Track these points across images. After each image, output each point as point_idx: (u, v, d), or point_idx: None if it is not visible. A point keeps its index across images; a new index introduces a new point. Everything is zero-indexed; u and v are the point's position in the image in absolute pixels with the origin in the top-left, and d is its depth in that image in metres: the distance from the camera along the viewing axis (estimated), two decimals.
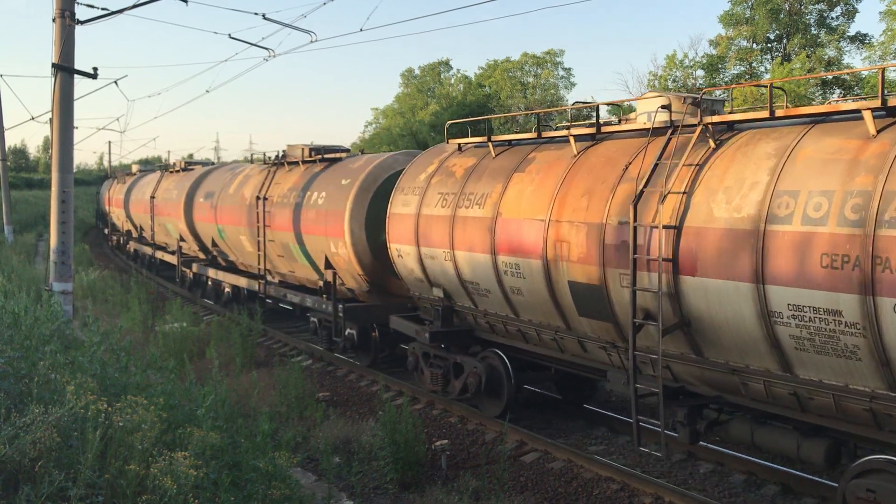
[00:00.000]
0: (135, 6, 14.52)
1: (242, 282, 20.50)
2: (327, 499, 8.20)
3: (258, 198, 18.32)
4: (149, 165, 38.94)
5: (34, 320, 8.70)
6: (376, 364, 15.51)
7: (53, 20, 14.25)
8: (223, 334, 16.80)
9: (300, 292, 17.45)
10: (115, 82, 18.15)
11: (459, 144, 12.92)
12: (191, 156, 33.19)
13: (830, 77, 44.10)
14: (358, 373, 15.19)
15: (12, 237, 37.09)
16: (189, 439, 6.36)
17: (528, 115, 59.51)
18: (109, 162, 79.11)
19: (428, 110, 65.87)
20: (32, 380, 6.65)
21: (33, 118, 35.85)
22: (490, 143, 12.01)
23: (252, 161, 22.88)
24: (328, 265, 15.79)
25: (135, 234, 34.80)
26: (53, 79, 14.30)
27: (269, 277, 19.05)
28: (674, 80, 49.81)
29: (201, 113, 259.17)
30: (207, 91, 49.90)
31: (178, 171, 27.68)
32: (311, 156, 17.94)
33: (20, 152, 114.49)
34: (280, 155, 19.28)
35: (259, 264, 18.97)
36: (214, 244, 22.59)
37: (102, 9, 14.67)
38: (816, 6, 45.82)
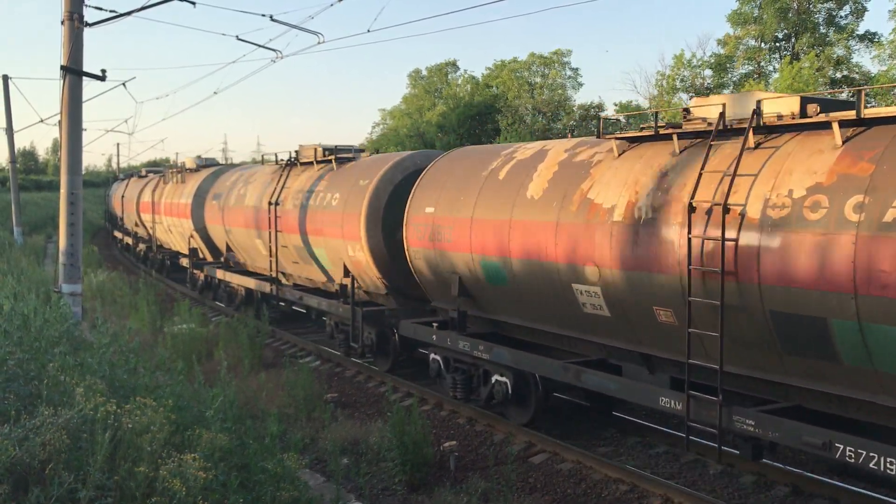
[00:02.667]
0: (143, 8, 14.59)
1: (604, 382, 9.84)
2: (336, 500, 8.20)
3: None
4: (208, 160, 28.20)
5: (43, 322, 8.73)
6: None
7: (62, 23, 14.31)
8: (231, 335, 16.82)
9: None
10: (124, 84, 18.25)
11: None
12: (199, 157, 28.29)
13: (839, 76, 43.92)
14: (366, 374, 15.20)
15: (21, 239, 37.24)
16: (198, 441, 6.37)
17: (535, 116, 59.49)
18: (118, 163, 79.61)
19: (435, 111, 65.91)
20: (42, 382, 6.68)
21: (42, 120, 36.18)
22: None
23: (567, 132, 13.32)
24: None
25: (205, 256, 25.20)
26: (62, 81, 14.36)
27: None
28: (682, 80, 49.72)
29: (209, 114, 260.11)
30: (215, 93, 50.06)
31: (321, 164, 17.20)
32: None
33: (29, 154, 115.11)
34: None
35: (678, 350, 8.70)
36: (464, 290, 12.01)
37: (111, 11, 14.76)
38: (825, 5, 45.67)
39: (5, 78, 37.66)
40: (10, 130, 38.97)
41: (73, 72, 14.24)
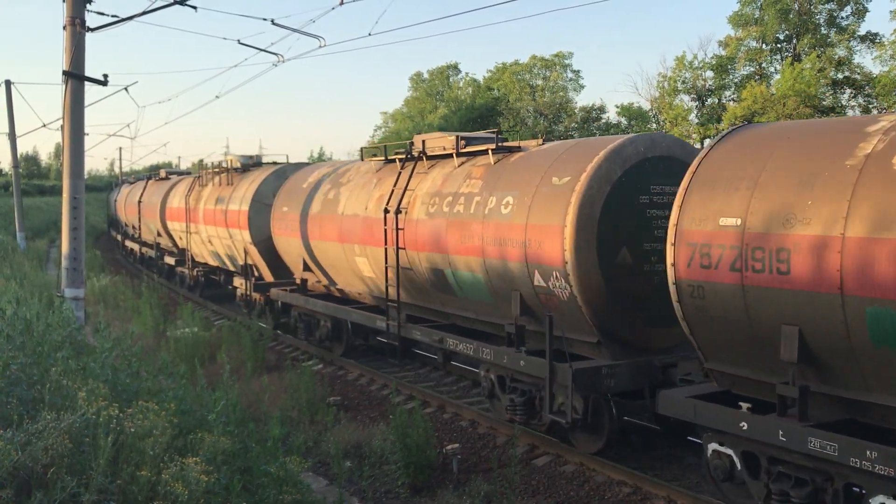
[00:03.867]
0: (144, 13, 14.61)
1: None
2: (338, 503, 8.20)
3: None
4: (255, 157, 23.10)
5: (46, 326, 8.75)
6: None
7: (64, 28, 14.34)
8: (234, 339, 16.83)
9: None
10: (126, 89, 18.28)
11: None
12: (201, 161, 26.36)
13: (841, 77, 43.99)
14: (369, 376, 15.20)
15: (24, 244, 37.32)
16: (200, 444, 6.38)
17: (536, 118, 59.52)
18: (120, 168, 79.73)
19: (437, 114, 65.98)
20: (44, 386, 6.68)
21: (45, 125, 36.20)
22: None
23: None
24: None
25: (261, 275, 20.50)
26: (64, 86, 14.39)
27: None
28: (683, 82, 49.75)
29: (211, 118, 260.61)
30: (217, 96, 50.15)
31: (464, 158, 12.90)
32: None
33: (32, 159, 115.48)
34: None
35: None
36: (807, 353, 7.51)
37: (112, 16, 14.78)
38: (826, 6, 45.68)
39: (8, 83, 37.76)
40: (12, 135, 39.07)
41: (75, 76, 14.27)
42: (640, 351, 10.24)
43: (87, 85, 14.58)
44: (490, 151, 12.18)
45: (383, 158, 15.25)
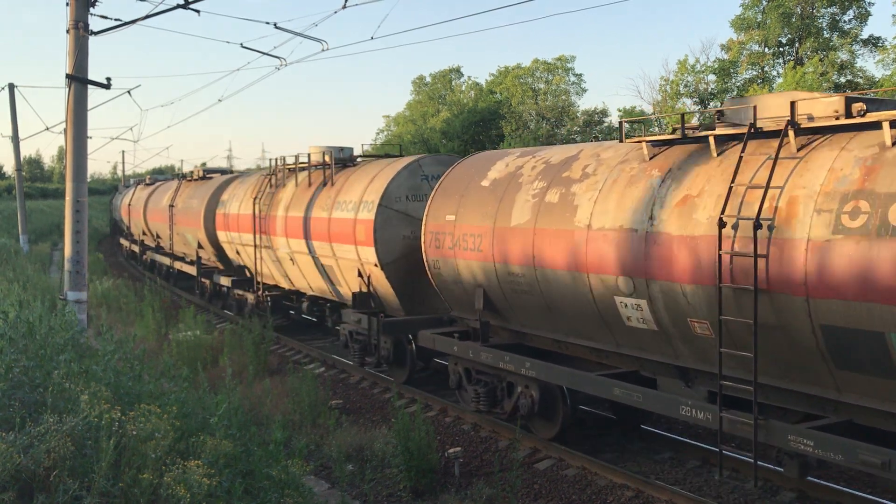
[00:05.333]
0: (147, 16, 14.64)
1: None
2: None
3: None
4: (345, 150, 17.73)
5: (49, 329, 8.76)
6: None
7: (67, 31, 14.38)
8: (236, 342, 16.84)
9: None
10: (129, 92, 18.29)
11: None
12: (204, 164, 25.35)
13: (843, 80, 43.98)
14: (371, 380, 15.20)
15: (27, 247, 37.39)
16: (202, 447, 6.38)
17: (538, 121, 59.55)
18: (123, 171, 79.82)
19: (439, 117, 66.06)
20: (47, 389, 6.69)
21: (48, 128, 36.24)
22: None
23: None
24: None
25: (378, 307, 15.16)
26: (67, 89, 14.42)
27: None
28: (686, 86, 49.78)
29: (214, 122, 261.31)
30: (220, 100, 50.32)
31: None
32: None
33: (35, 162, 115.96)
34: None
35: None
36: None
37: (115, 19, 14.80)
38: (829, 9, 45.68)
39: (11, 87, 37.87)
40: (15, 138, 39.16)
41: (79, 80, 14.31)
42: None
43: (90, 88, 14.62)
44: None
45: (657, 137, 9.54)
